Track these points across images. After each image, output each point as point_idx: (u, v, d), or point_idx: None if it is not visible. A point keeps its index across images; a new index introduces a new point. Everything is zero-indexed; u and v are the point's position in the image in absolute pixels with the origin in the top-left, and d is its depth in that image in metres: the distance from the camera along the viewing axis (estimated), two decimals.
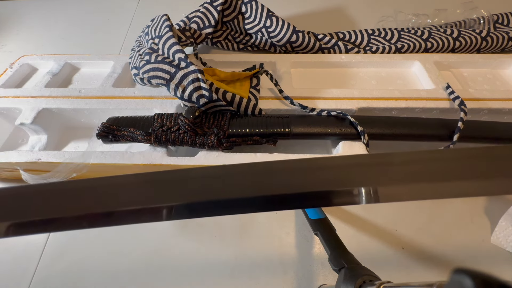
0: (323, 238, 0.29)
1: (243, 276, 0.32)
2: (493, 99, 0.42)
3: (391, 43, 0.54)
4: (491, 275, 0.10)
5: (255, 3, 0.53)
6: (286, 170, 0.19)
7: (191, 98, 0.37)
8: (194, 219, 0.37)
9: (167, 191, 0.18)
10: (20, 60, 0.52)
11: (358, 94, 0.42)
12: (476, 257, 0.33)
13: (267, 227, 0.36)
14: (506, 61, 0.49)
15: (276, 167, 0.19)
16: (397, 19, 0.62)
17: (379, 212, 0.37)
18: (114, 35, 0.65)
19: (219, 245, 0.35)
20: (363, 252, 0.29)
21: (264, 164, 0.19)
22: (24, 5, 0.76)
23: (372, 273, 0.22)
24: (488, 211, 0.36)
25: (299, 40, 0.52)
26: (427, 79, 0.46)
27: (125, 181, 0.19)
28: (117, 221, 0.17)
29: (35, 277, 0.33)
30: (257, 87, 0.44)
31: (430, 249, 0.34)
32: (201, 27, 0.51)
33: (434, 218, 0.36)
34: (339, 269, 0.24)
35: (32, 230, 0.17)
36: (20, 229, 0.17)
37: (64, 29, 0.68)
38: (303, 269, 0.33)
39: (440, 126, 0.38)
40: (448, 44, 0.52)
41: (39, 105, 0.42)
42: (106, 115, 0.39)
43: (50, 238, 0.36)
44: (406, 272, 0.32)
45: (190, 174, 0.19)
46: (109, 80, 0.46)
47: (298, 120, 0.38)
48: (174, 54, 0.38)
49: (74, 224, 0.17)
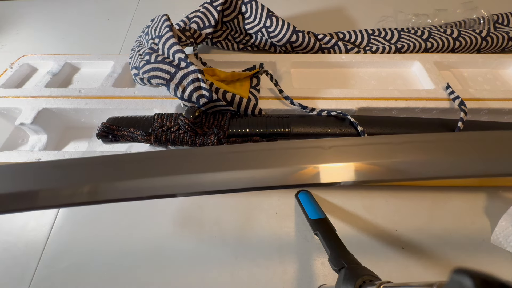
0: (323, 238, 0.29)
1: (243, 276, 0.32)
2: (493, 99, 0.42)
3: (391, 43, 0.54)
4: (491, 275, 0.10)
5: (255, 3, 0.53)
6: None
7: (191, 98, 0.37)
8: (194, 219, 0.37)
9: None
10: (20, 60, 0.52)
11: (358, 94, 0.42)
12: (476, 257, 0.33)
13: (267, 227, 0.36)
14: (506, 61, 0.49)
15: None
16: (397, 19, 0.62)
17: (379, 212, 0.37)
18: (114, 35, 0.65)
19: (219, 245, 0.35)
20: (363, 252, 0.29)
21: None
22: (24, 5, 0.76)
23: (372, 273, 0.22)
24: (488, 211, 0.36)
25: (299, 40, 0.52)
26: (427, 79, 0.46)
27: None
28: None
29: (35, 277, 0.33)
30: (257, 87, 0.44)
31: (430, 249, 0.34)
32: (201, 27, 0.51)
33: (434, 218, 0.36)
34: (339, 269, 0.24)
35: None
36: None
37: (64, 29, 0.68)
38: (303, 269, 0.33)
39: (440, 126, 0.38)
40: (448, 44, 0.52)
41: (39, 105, 0.42)
42: (106, 115, 0.39)
43: (50, 238, 0.36)
44: (406, 272, 0.32)
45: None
46: (109, 80, 0.46)
47: (298, 120, 0.38)
48: (174, 54, 0.38)
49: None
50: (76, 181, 0.19)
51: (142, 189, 0.19)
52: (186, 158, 0.20)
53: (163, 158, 0.20)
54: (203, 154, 0.21)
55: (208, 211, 0.37)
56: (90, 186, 0.19)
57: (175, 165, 0.20)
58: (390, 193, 0.38)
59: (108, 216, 0.37)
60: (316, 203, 0.35)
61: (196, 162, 0.20)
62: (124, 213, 0.37)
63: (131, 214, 0.37)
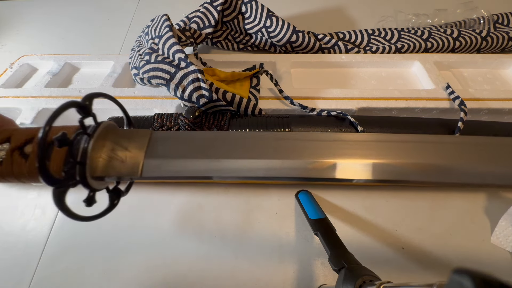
0: (323, 238, 0.29)
1: (243, 276, 0.32)
2: (493, 99, 0.42)
3: (391, 43, 0.54)
4: (491, 275, 0.10)
5: (255, 3, 0.53)
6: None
7: (191, 98, 0.37)
8: (194, 219, 0.37)
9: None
10: (20, 60, 0.52)
11: (358, 94, 0.42)
12: (476, 257, 0.33)
13: (267, 227, 0.36)
14: (506, 61, 0.49)
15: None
16: (397, 19, 0.62)
17: (379, 212, 0.37)
18: (114, 35, 0.65)
19: (219, 245, 0.35)
20: (363, 252, 0.29)
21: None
22: (24, 5, 0.76)
23: (372, 273, 0.22)
24: (488, 211, 0.36)
25: (299, 40, 0.52)
26: (427, 79, 0.46)
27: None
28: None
29: (35, 277, 0.33)
30: (257, 87, 0.44)
31: (430, 249, 0.34)
32: (201, 27, 0.51)
33: (434, 218, 0.36)
34: (339, 269, 0.24)
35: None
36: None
37: (64, 29, 0.68)
38: (303, 269, 0.33)
39: (440, 126, 0.38)
40: (448, 44, 0.52)
41: (39, 105, 0.42)
42: (106, 115, 0.39)
43: (50, 238, 0.36)
44: (406, 272, 0.32)
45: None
46: (109, 80, 0.46)
47: (298, 120, 0.38)
48: (174, 54, 0.38)
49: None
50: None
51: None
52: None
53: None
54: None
55: (208, 211, 0.37)
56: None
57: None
58: (390, 193, 0.38)
59: (108, 216, 0.37)
60: (316, 203, 0.35)
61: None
62: (124, 213, 0.37)
63: (131, 214, 0.37)
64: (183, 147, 0.20)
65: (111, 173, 0.19)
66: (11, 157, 0.19)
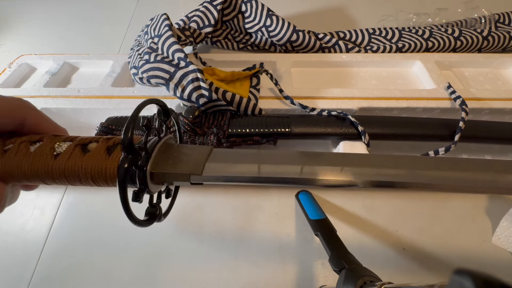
0: (323, 238, 0.29)
1: (243, 277, 0.32)
2: (495, 99, 0.42)
3: (392, 43, 0.54)
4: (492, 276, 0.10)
5: (255, 2, 0.53)
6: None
7: (191, 97, 0.37)
8: (194, 220, 0.37)
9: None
10: (19, 59, 0.52)
11: (359, 93, 0.42)
12: (477, 257, 0.33)
13: (267, 228, 0.36)
14: (507, 61, 0.49)
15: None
16: (398, 18, 0.61)
17: (380, 213, 0.36)
18: (113, 35, 0.65)
19: (219, 246, 0.34)
20: (364, 253, 0.29)
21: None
22: (23, 4, 0.76)
23: (373, 274, 0.22)
24: (489, 211, 0.36)
25: (299, 40, 0.52)
26: (428, 79, 0.45)
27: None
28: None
29: (34, 277, 0.33)
30: (257, 87, 0.44)
31: (431, 250, 0.34)
32: (200, 26, 0.51)
33: (435, 219, 0.36)
34: (339, 270, 0.24)
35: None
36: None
37: (63, 29, 0.68)
38: (303, 270, 0.33)
39: (441, 126, 0.38)
40: (449, 43, 0.52)
41: (38, 104, 0.42)
42: (105, 115, 0.39)
43: (49, 238, 0.36)
44: (407, 273, 0.32)
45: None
46: (108, 80, 0.46)
47: (299, 119, 0.38)
48: (173, 54, 0.38)
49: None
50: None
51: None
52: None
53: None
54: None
55: (208, 211, 0.37)
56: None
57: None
58: (391, 193, 0.38)
59: (107, 216, 0.37)
60: (317, 203, 0.35)
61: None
62: (123, 213, 0.37)
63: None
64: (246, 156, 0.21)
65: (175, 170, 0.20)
66: (73, 150, 0.19)
